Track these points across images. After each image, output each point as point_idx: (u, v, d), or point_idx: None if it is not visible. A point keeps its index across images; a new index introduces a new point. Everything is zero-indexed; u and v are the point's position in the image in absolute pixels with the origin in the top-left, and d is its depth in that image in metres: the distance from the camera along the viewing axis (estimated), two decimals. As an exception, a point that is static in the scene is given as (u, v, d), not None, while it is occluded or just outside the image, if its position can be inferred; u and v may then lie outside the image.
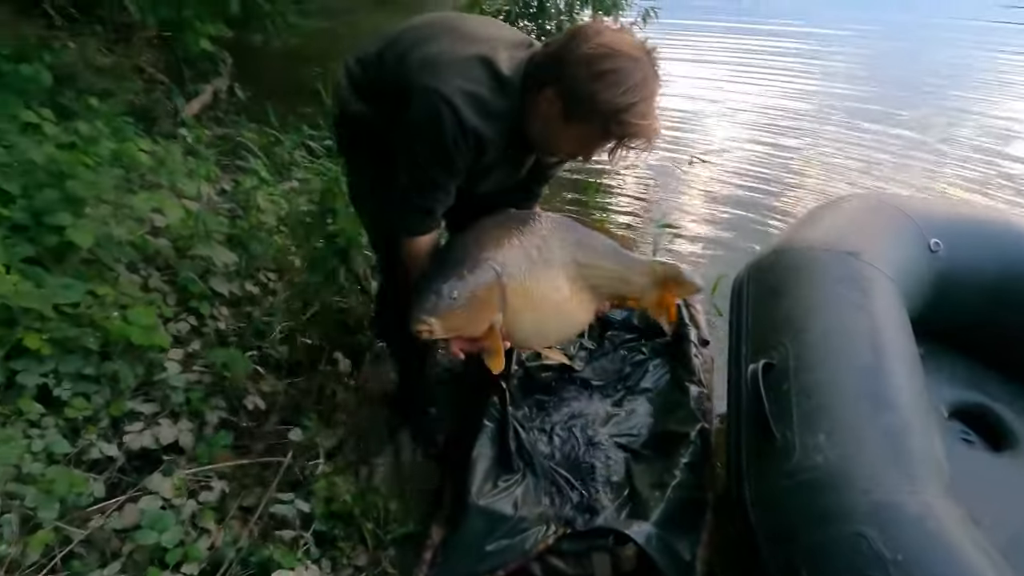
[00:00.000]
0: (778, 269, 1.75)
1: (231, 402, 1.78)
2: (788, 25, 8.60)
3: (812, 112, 5.31)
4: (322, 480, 1.52)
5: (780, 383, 1.46)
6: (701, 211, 3.53)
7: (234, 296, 2.06)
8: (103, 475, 1.44)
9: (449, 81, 1.17)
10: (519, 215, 1.46)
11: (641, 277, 1.54)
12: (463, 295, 1.26)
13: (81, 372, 1.49)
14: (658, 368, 2.18)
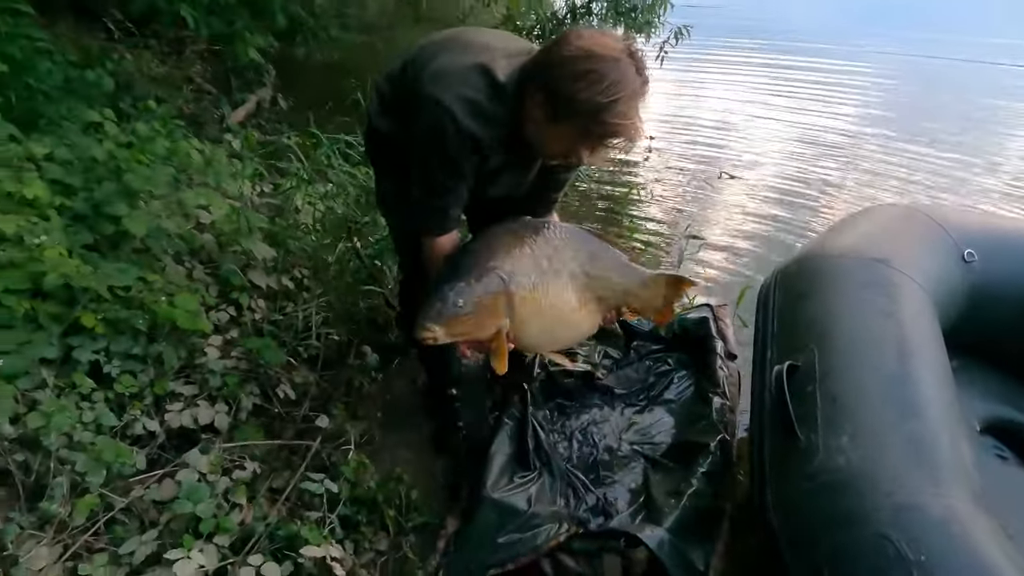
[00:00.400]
0: (805, 275, 1.76)
1: (264, 389, 1.85)
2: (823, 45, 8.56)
3: (847, 131, 5.27)
4: (352, 463, 1.57)
5: (805, 385, 1.46)
6: (729, 224, 3.52)
7: (271, 290, 2.15)
8: (144, 449, 1.52)
9: (448, 89, 1.25)
10: (534, 224, 1.47)
11: (646, 290, 1.57)
12: (469, 302, 1.28)
13: (130, 352, 1.58)
14: (683, 379, 2.18)
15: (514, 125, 1.30)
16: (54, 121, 2.25)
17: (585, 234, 1.53)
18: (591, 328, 1.56)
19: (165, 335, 1.66)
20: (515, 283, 1.34)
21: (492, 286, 1.31)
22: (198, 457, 1.45)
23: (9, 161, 1.74)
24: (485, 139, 1.28)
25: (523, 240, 1.40)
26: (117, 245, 1.81)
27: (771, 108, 5.75)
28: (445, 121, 1.25)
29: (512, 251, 1.37)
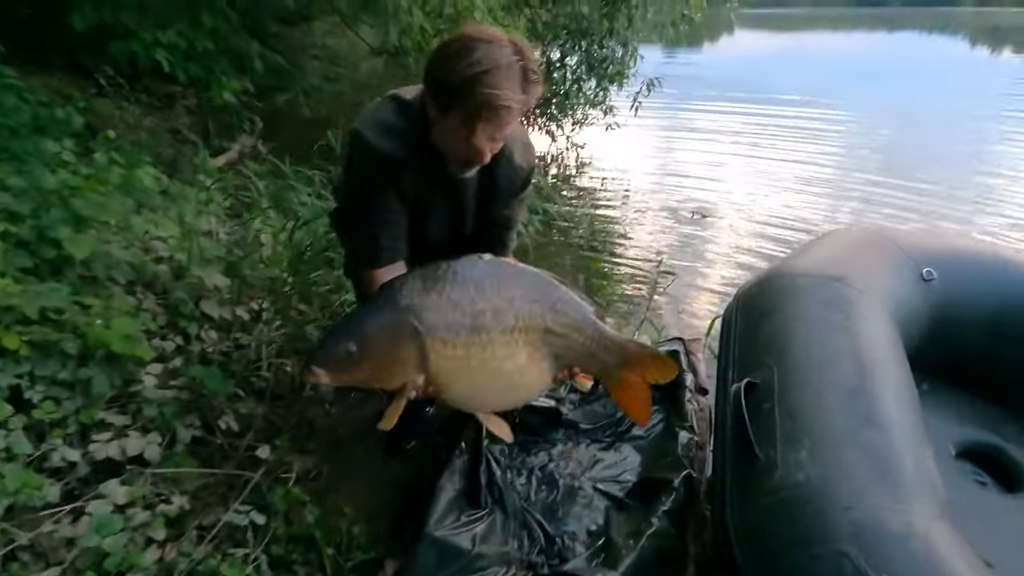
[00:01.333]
0: (766, 295, 1.72)
1: (207, 421, 1.76)
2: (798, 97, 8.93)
3: (820, 173, 5.40)
4: (280, 493, 1.46)
5: (763, 402, 1.39)
6: (701, 260, 3.54)
7: (224, 320, 2.08)
8: (61, 481, 1.41)
9: (363, 119, 1.35)
10: (481, 263, 1.25)
11: (610, 355, 1.33)
12: (363, 348, 1.12)
13: (56, 377, 1.50)
14: (653, 415, 2.10)
15: (425, 137, 1.32)
16: (16, 155, 2.25)
17: (551, 283, 1.29)
18: (539, 390, 1.36)
19: (98, 361, 1.58)
20: (433, 334, 1.14)
21: (397, 333, 1.13)
22: (116, 488, 1.35)
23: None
24: (397, 154, 1.30)
25: (458, 281, 1.19)
26: (59, 270, 1.76)
27: (746, 155, 5.92)
28: (358, 145, 1.31)
29: (438, 292, 1.17)
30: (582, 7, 4.59)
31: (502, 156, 1.43)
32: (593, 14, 4.40)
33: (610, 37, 4.46)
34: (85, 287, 1.79)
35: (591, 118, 5.42)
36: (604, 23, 4.36)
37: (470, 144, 1.25)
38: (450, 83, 1.18)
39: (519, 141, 1.50)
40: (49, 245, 1.71)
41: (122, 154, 2.18)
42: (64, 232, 1.69)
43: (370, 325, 1.14)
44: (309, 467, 1.75)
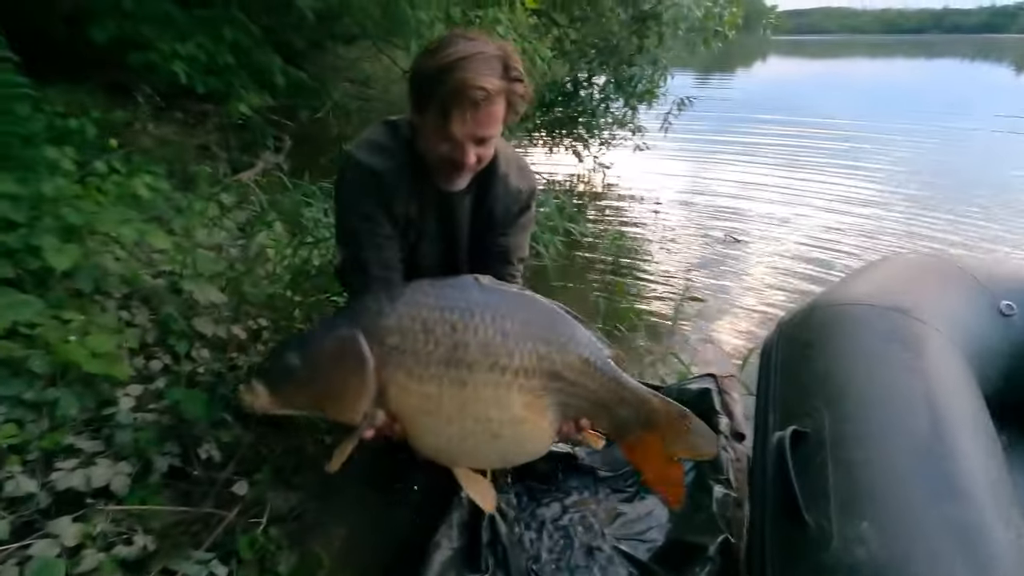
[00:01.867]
0: (812, 326, 1.50)
1: (186, 449, 1.61)
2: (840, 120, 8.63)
3: (862, 199, 5.11)
4: (245, 541, 1.29)
5: (812, 456, 1.17)
6: (733, 287, 3.30)
7: (218, 339, 1.95)
8: (14, 514, 1.27)
9: (354, 141, 1.34)
10: (482, 286, 1.06)
11: (628, 410, 1.11)
12: (308, 368, 0.96)
13: (21, 397, 1.38)
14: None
15: (414, 156, 1.28)
16: (24, 163, 2.20)
17: (557, 313, 1.08)
18: (538, 449, 1.12)
19: (70, 381, 1.45)
20: (392, 364, 0.95)
21: (344, 352, 0.95)
22: (67, 526, 1.20)
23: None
24: (384, 170, 1.26)
25: (439, 302, 1.00)
26: (44, 283, 1.66)
27: (780, 179, 5.66)
28: (348, 164, 1.29)
29: (410, 314, 0.98)
30: (612, 25, 4.48)
31: (496, 177, 1.35)
32: (622, 32, 4.28)
33: (639, 54, 4.33)
34: (71, 301, 1.68)
35: (618, 138, 5.26)
36: (633, 40, 4.24)
37: (450, 139, 1.16)
38: (426, 74, 1.14)
39: (515, 163, 1.42)
40: (33, 255, 1.61)
41: (124, 164, 2.10)
42: (49, 242, 1.59)
43: (317, 340, 0.98)
44: (292, 505, 1.58)
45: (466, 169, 1.22)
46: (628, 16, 4.37)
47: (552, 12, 4.98)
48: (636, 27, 4.26)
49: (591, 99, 4.66)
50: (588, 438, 1.15)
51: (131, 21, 2.75)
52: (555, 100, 4.63)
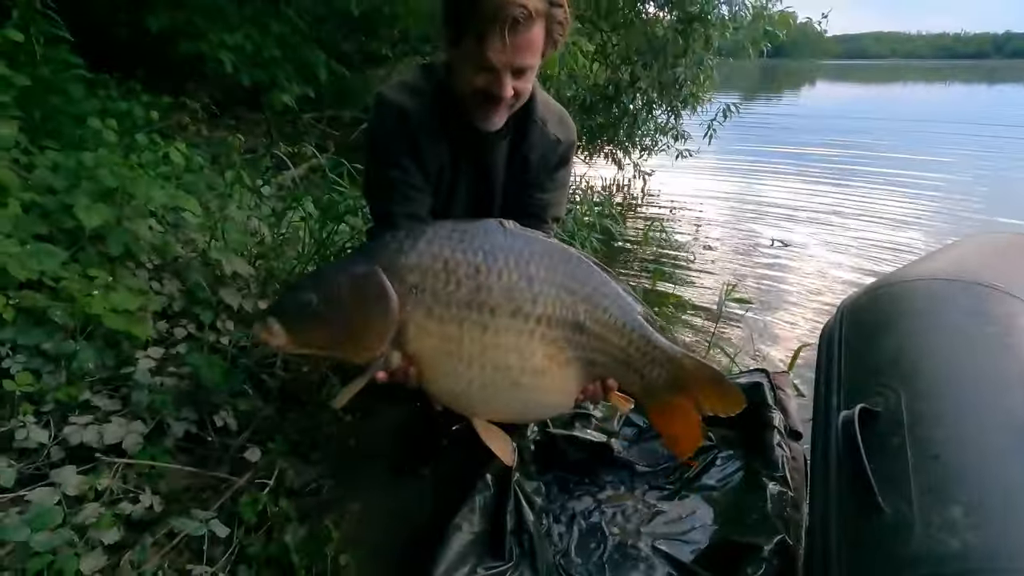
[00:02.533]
0: (882, 304, 1.34)
1: (202, 416, 1.56)
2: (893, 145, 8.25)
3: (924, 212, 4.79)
4: (247, 501, 1.21)
5: (887, 437, 1.02)
6: (780, 288, 3.11)
7: (245, 312, 1.92)
8: (25, 462, 1.23)
9: (388, 83, 1.32)
10: (508, 231, 1.02)
11: (658, 370, 1.05)
12: (326, 304, 0.91)
13: (40, 347, 1.35)
14: (728, 461, 1.71)
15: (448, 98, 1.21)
16: (72, 140, 2.26)
17: (586, 263, 1.04)
18: (559, 403, 1.06)
19: (90, 336, 1.43)
20: (413, 301, 0.91)
21: (364, 288, 0.91)
22: (70, 476, 1.14)
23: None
24: (412, 108, 1.21)
25: (463, 243, 0.96)
26: (77, 242, 1.66)
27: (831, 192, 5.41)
28: (378, 105, 1.24)
29: (432, 253, 0.94)
30: (656, 29, 4.41)
31: (533, 122, 1.29)
32: (667, 34, 4.20)
33: (684, 56, 4.22)
34: (101, 263, 1.67)
35: (660, 145, 5.13)
36: (679, 41, 4.14)
37: (486, 67, 1.09)
38: (459, 7, 1.09)
39: (554, 111, 1.36)
40: (68, 216, 1.61)
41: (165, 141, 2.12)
42: (81, 201, 1.59)
43: (335, 277, 0.93)
44: (307, 480, 1.50)
45: (503, 103, 1.14)
46: (673, 18, 4.28)
47: (596, 19, 4.95)
48: (682, 28, 4.17)
49: (633, 103, 4.56)
50: (615, 400, 1.10)
51: (184, 12, 2.84)
52: (595, 104, 4.56)
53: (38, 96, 2.18)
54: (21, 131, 1.95)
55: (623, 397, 1.10)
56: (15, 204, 1.56)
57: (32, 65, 2.17)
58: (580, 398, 1.06)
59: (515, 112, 1.24)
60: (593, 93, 4.48)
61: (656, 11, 4.73)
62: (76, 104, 2.40)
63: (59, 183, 1.79)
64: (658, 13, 4.72)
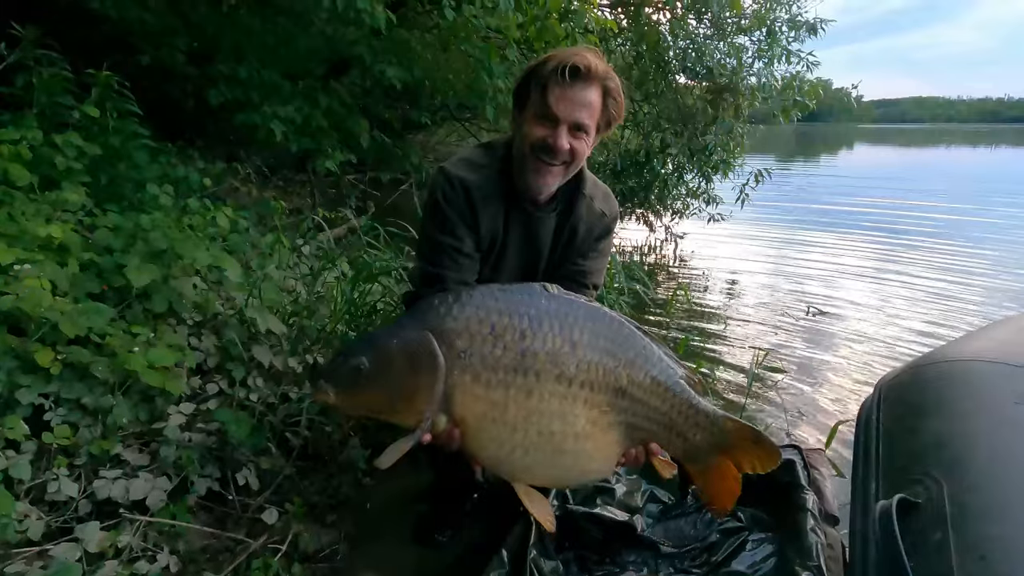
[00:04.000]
0: (923, 385, 1.27)
1: (225, 474, 1.57)
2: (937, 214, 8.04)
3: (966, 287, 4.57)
4: (258, 565, 1.19)
5: (929, 532, 0.94)
6: (817, 359, 2.98)
7: (275, 370, 1.96)
8: (53, 514, 1.26)
9: (449, 160, 1.36)
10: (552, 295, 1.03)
11: (701, 434, 1.05)
12: (376, 368, 0.93)
13: (80, 400, 1.41)
14: (760, 545, 1.61)
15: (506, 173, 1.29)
16: (134, 205, 2.43)
17: (632, 332, 1.05)
18: (601, 468, 1.06)
19: (127, 391, 1.48)
20: (460, 366, 0.93)
21: (414, 352, 0.92)
22: (93, 532, 1.16)
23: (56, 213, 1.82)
24: (474, 183, 1.26)
25: (509, 308, 0.97)
26: (125, 300, 1.75)
27: (869, 261, 5.24)
28: (438, 178, 1.30)
29: (479, 318, 0.96)
30: (687, 99, 4.53)
31: (582, 196, 1.36)
32: (697, 103, 4.30)
33: (714, 124, 4.30)
34: (146, 321, 1.76)
35: (692, 208, 5.16)
36: (709, 111, 4.23)
37: (548, 117, 1.18)
38: (529, 69, 1.22)
39: (600, 189, 1.42)
40: (120, 275, 1.72)
41: (215, 205, 2.27)
42: (133, 261, 1.69)
43: (386, 341, 0.95)
44: (323, 544, 1.48)
45: (558, 159, 1.20)
46: (703, 89, 4.40)
47: (628, 89, 5.14)
48: (712, 98, 4.27)
49: (664, 168, 4.63)
50: (657, 464, 1.09)
51: (243, 87, 3.09)
52: (627, 169, 4.65)
53: (106, 162, 2.38)
54: (87, 195, 2.12)
55: (666, 461, 1.09)
56: (74, 263, 1.68)
57: (103, 136, 2.37)
58: (622, 462, 1.05)
59: (566, 186, 1.31)
60: (624, 159, 4.59)
61: (687, 81, 4.89)
62: (139, 170, 2.60)
63: (116, 243, 1.92)
64: (688, 83, 4.87)
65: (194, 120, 4.39)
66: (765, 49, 4.40)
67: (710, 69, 4.32)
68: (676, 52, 4.41)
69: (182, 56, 3.50)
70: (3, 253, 1.44)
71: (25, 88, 2.33)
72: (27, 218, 1.62)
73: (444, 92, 3.63)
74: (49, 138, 2.09)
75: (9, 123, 2.07)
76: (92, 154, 2.24)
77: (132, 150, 2.55)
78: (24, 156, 1.91)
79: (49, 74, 2.36)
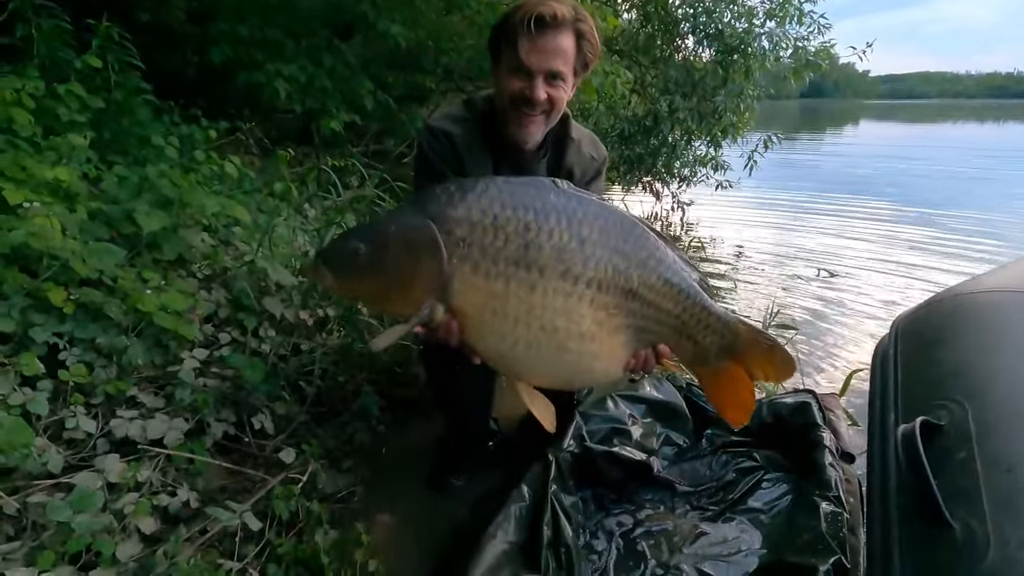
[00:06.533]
0: (942, 317, 1.26)
1: (242, 418, 1.58)
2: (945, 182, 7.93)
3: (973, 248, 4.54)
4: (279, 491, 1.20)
5: (953, 451, 0.94)
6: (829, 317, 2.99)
7: (286, 322, 1.96)
8: (71, 451, 1.27)
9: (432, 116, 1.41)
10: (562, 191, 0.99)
11: (712, 337, 1.03)
12: (374, 252, 0.90)
13: (94, 341, 1.41)
14: (776, 483, 1.63)
15: (489, 126, 1.30)
16: (139, 160, 2.40)
17: (641, 228, 1.02)
18: (608, 370, 1.03)
19: (141, 334, 1.48)
20: (459, 251, 0.90)
21: (412, 238, 0.90)
22: (113, 464, 1.17)
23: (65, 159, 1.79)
24: (458, 134, 1.27)
25: (513, 200, 0.93)
26: (135, 247, 1.74)
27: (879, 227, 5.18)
28: (423, 133, 1.32)
29: (481, 208, 0.92)
30: (695, 63, 4.44)
31: (571, 144, 1.38)
32: (706, 66, 4.22)
33: (724, 87, 4.22)
34: (156, 268, 1.75)
35: (700, 175, 5.10)
36: (719, 72, 4.15)
37: (521, 69, 1.16)
38: (501, 20, 1.20)
39: (587, 134, 1.44)
40: (129, 223, 1.70)
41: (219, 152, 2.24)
42: (142, 207, 1.68)
43: (384, 226, 0.93)
44: (340, 487, 1.49)
45: (537, 109, 1.19)
46: (713, 51, 4.31)
47: (635, 53, 5.04)
48: (721, 59, 4.19)
49: (672, 133, 4.56)
50: (666, 365, 1.08)
51: (245, 46, 3.03)
52: (634, 135, 4.58)
53: (109, 117, 2.35)
54: (91, 148, 2.09)
55: (674, 364, 1.09)
56: (82, 211, 1.66)
57: (106, 89, 2.34)
58: (631, 364, 1.03)
59: (552, 132, 1.32)
60: (631, 124, 4.52)
61: (695, 45, 4.80)
62: (143, 126, 2.57)
63: (123, 194, 1.90)
64: (697, 49, 4.78)
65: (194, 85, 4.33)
66: (776, 10, 4.30)
67: (720, 31, 4.22)
68: (685, 12, 4.31)
69: (182, 14, 3.43)
70: (11, 194, 1.42)
71: (24, 40, 2.28)
72: (33, 162, 1.60)
73: (449, 53, 3.56)
74: (52, 88, 2.05)
75: (10, 73, 2.03)
76: (95, 107, 2.20)
77: (135, 106, 2.51)
78: (27, 105, 1.88)
79: (49, 26, 2.31)
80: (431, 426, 1.79)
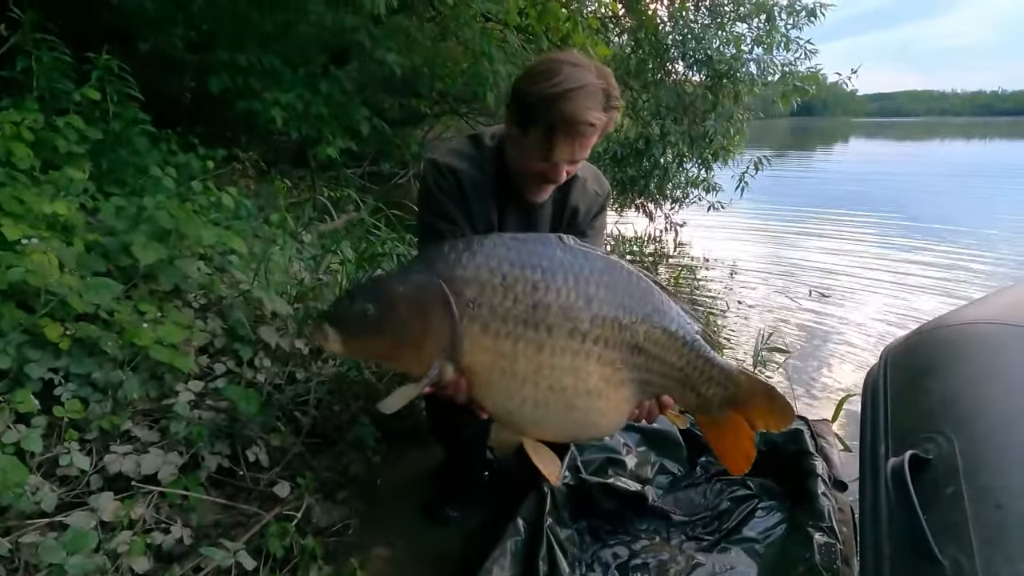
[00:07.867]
0: (930, 348, 1.28)
1: (236, 450, 1.57)
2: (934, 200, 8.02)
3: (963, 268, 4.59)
4: (274, 529, 1.20)
5: (942, 486, 0.95)
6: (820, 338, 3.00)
7: (281, 351, 1.96)
8: (65, 488, 1.26)
9: (438, 150, 1.41)
10: (568, 248, 1.00)
11: (715, 388, 1.05)
12: (382, 313, 0.90)
13: (90, 376, 1.41)
14: (770, 512, 1.63)
15: (496, 164, 1.29)
16: (135, 190, 2.42)
17: (650, 286, 1.03)
18: (612, 423, 1.05)
19: (137, 368, 1.48)
20: (470, 312, 0.90)
21: (422, 299, 0.90)
22: (107, 501, 1.16)
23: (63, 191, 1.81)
24: (464, 172, 1.27)
25: (521, 259, 0.94)
26: (131, 279, 1.75)
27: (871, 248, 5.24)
28: (429, 168, 1.30)
29: (490, 267, 0.93)
30: (685, 87, 4.53)
31: (576, 182, 1.38)
32: (697, 91, 4.31)
33: (714, 111, 4.31)
34: (152, 300, 1.76)
35: (692, 197, 5.16)
36: (708, 97, 4.24)
37: (549, 161, 1.16)
38: (534, 100, 1.13)
39: (590, 171, 1.46)
40: (126, 255, 1.71)
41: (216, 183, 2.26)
42: (139, 239, 1.69)
43: (393, 285, 0.93)
44: (334, 519, 1.49)
45: (558, 183, 1.24)
46: (703, 76, 4.40)
47: (626, 78, 5.13)
48: (711, 84, 4.27)
49: (663, 156, 4.63)
50: (670, 417, 1.09)
51: (243, 74, 3.08)
52: (626, 157, 4.65)
53: (107, 147, 2.37)
54: (90, 179, 2.10)
55: (677, 416, 1.10)
56: (79, 243, 1.67)
57: (104, 120, 2.36)
58: (635, 416, 1.05)
59: None
60: (624, 147, 4.59)
61: (685, 70, 4.89)
62: (140, 156, 2.59)
63: (120, 224, 1.91)
64: (687, 73, 4.87)
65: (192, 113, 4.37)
66: (763, 37, 4.40)
67: (709, 57, 4.32)
68: (675, 39, 4.41)
69: (181, 43, 3.48)
70: (10, 229, 1.44)
71: (24, 73, 2.31)
72: (32, 196, 1.61)
73: (444, 79, 3.62)
74: (51, 121, 2.08)
75: (10, 107, 2.06)
76: (93, 138, 2.23)
77: (133, 136, 2.54)
78: (26, 138, 1.90)
79: (49, 58, 2.35)
80: (426, 456, 1.79)
